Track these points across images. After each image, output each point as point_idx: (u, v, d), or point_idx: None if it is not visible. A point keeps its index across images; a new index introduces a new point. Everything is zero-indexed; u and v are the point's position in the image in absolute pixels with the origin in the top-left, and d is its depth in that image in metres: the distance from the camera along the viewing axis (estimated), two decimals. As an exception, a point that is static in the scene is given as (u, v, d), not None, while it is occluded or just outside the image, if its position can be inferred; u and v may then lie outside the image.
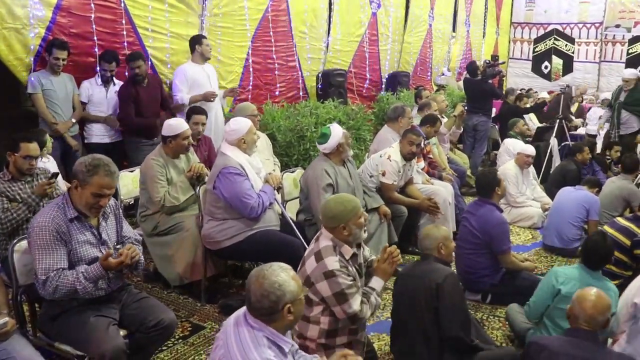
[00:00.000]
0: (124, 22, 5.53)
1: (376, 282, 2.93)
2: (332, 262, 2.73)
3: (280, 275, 2.10)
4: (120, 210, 3.09)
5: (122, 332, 2.80)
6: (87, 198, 2.72)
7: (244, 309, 2.17)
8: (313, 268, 2.76)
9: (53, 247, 2.66)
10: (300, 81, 8.09)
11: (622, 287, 3.47)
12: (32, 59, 4.90)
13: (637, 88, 8.10)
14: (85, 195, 2.71)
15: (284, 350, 2.11)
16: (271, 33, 7.30)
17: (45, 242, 2.65)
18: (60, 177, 4.33)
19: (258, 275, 2.11)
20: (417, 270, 3.24)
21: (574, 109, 11.06)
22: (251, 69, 7.11)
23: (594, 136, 9.26)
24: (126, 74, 5.54)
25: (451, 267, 3.39)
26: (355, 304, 2.72)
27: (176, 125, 4.23)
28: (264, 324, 2.09)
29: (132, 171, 4.81)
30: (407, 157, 5.05)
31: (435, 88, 11.33)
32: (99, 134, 5.38)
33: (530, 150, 6.49)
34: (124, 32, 5.57)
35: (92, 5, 5.23)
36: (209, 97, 5.63)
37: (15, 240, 2.89)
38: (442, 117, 7.51)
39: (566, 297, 3.34)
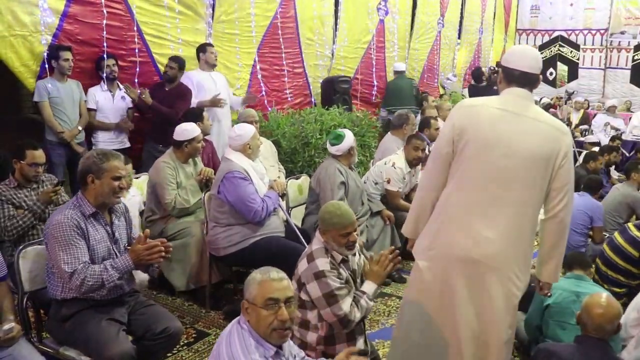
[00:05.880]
0: (131, 29, 5.57)
1: (368, 286, 2.89)
2: (323, 263, 2.75)
3: (257, 274, 2.14)
4: (129, 213, 3.14)
5: (129, 338, 2.81)
6: (108, 184, 2.78)
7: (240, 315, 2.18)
8: (304, 269, 2.78)
9: (75, 241, 2.69)
10: (308, 88, 8.11)
11: (627, 296, 3.46)
12: (39, 66, 4.92)
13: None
14: (105, 183, 2.78)
15: (268, 354, 2.08)
16: (280, 40, 7.33)
17: (67, 238, 2.68)
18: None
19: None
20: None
21: (579, 116, 11.03)
22: (259, 76, 7.14)
23: (597, 143, 9.22)
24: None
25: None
26: (345, 305, 2.71)
27: (191, 129, 4.35)
28: (250, 325, 2.10)
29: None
30: (413, 163, 5.06)
31: (441, 93, 11.34)
32: (105, 140, 5.39)
33: None
34: (131, 39, 5.60)
35: (99, 13, 5.26)
36: (216, 103, 5.66)
37: (21, 247, 2.90)
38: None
39: (555, 307, 3.33)
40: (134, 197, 4.03)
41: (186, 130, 4.32)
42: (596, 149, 8.25)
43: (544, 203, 2.58)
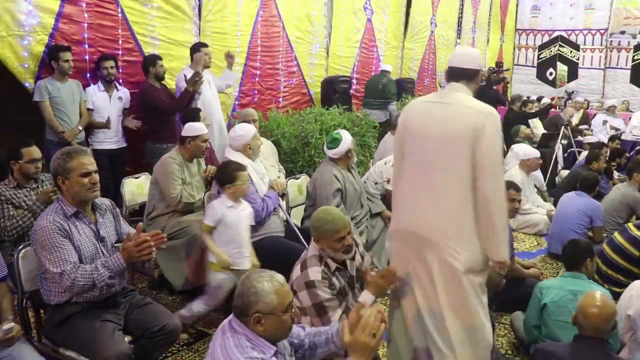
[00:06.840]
0: (122, 29, 5.59)
1: (366, 296, 2.76)
2: (315, 273, 2.71)
3: (263, 283, 2.07)
4: (118, 210, 3.10)
5: (127, 338, 2.80)
6: (77, 182, 2.74)
7: (231, 316, 2.16)
8: (297, 276, 2.76)
9: (60, 243, 2.67)
10: (304, 87, 8.12)
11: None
12: (37, 66, 4.93)
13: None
14: (74, 181, 2.74)
15: (266, 355, 2.08)
16: (268, 39, 7.35)
17: (52, 241, 2.66)
18: None
19: (249, 275, 2.11)
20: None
21: (579, 116, 11.03)
22: (251, 74, 7.17)
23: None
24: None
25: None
26: (335, 317, 2.67)
27: (197, 127, 4.34)
28: (245, 326, 2.08)
29: (137, 177, 4.83)
30: None
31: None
32: (102, 140, 5.38)
33: (538, 153, 6.50)
34: (125, 39, 5.64)
35: (92, 12, 5.29)
36: (195, 77, 5.44)
37: (21, 247, 2.90)
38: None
39: (552, 307, 3.33)
40: (245, 210, 3.68)
41: (193, 127, 4.34)
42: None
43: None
